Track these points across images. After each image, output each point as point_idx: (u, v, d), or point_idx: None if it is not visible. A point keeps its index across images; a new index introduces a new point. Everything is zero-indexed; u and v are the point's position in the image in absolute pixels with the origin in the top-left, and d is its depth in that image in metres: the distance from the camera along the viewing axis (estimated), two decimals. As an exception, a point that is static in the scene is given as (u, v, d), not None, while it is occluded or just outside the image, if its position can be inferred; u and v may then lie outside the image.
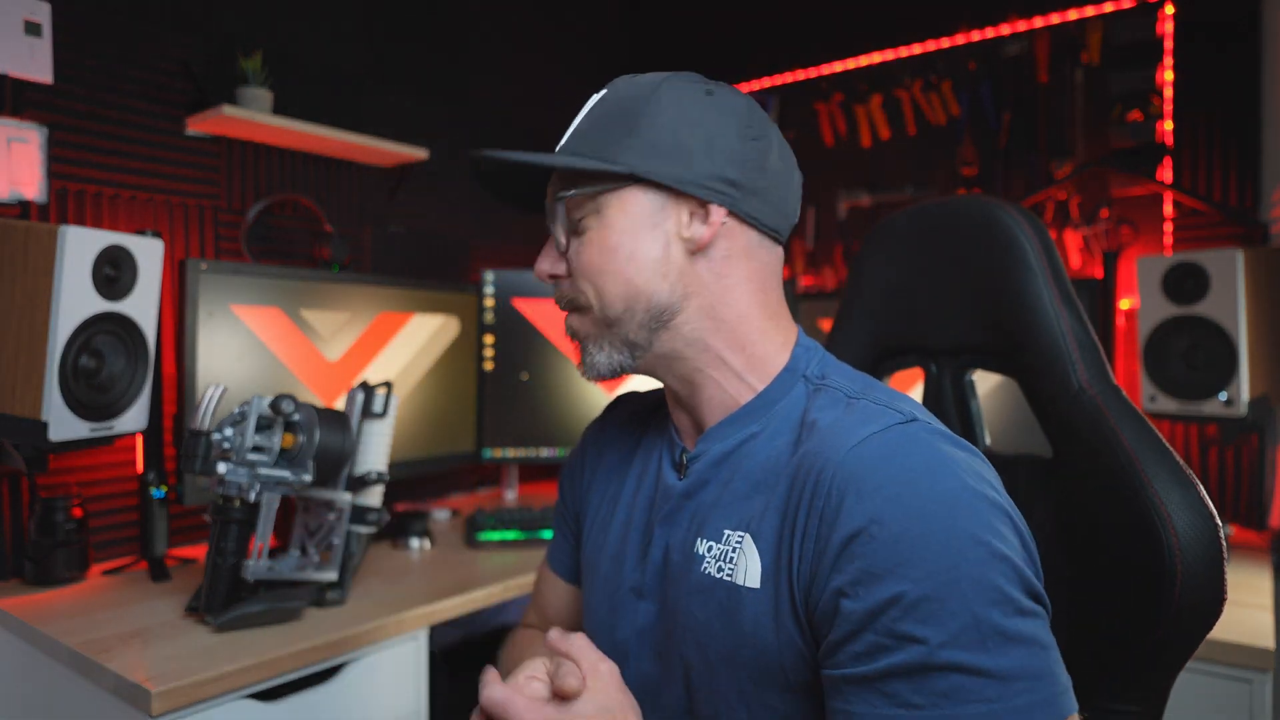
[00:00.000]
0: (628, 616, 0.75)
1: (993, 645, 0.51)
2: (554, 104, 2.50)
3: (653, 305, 0.69)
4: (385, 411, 1.42)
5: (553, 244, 0.73)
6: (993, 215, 0.87)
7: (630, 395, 0.92)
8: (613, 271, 0.69)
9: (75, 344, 1.25)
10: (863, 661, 0.54)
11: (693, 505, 0.71)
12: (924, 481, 0.56)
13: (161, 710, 1.00)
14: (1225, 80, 1.88)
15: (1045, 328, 0.81)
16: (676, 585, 0.69)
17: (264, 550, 1.22)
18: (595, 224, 0.70)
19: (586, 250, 0.70)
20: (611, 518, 0.81)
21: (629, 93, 0.71)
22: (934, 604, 0.52)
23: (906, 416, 0.63)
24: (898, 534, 0.54)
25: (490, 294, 2.05)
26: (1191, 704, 1.33)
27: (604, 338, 0.71)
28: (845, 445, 0.60)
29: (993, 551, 0.54)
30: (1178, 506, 0.70)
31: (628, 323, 0.69)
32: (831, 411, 0.65)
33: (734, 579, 0.64)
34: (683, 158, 0.68)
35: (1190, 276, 1.63)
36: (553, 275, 0.73)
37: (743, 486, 0.67)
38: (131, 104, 1.58)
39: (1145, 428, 0.75)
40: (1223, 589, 0.69)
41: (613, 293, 0.69)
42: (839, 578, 0.56)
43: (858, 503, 0.57)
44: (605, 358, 0.71)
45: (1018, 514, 0.59)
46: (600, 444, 0.89)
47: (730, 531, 0.66)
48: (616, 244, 0.69)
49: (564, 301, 0.73)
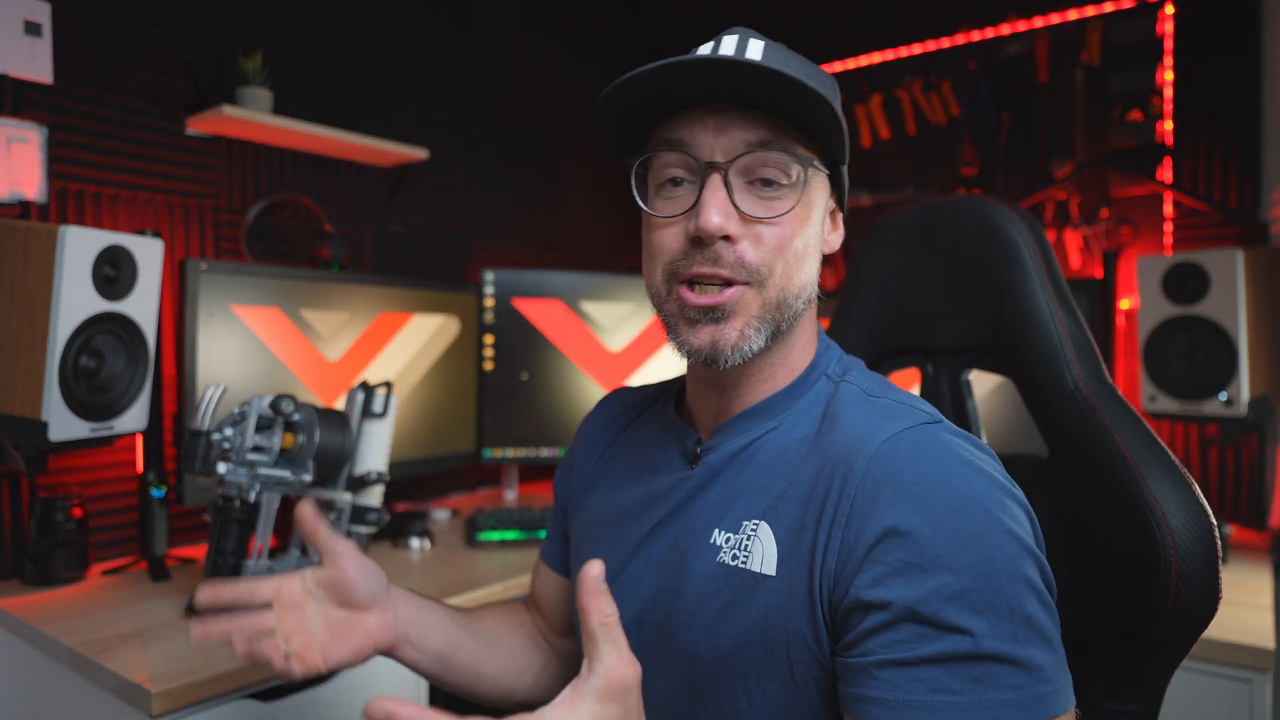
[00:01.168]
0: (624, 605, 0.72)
1: (1023, 635, 0.53)
2: (554, 104, 2.51)
3: (808, 298, 0.67)
4: (385, 411, 1.42)
5: (723, 196, 0.62)
6: (989, 216, 0.87)
7: (624, 391, 0.91)
8: (807, 255, 0.66)
9: (75, 344, 1.25)
10: (900, 649, 0.54)
11: (706, 497, 0.69)
12: (959, 478, 0.57)
13: (161, 710, 1.00)
14: (1225, 80, 1.88)
15: (1041, 328, 0.82)
16: (684, 575, 0.68)
17: (264, 550, 1.22)
18: (798, 199, 0.64)
19: (789, 224, 0.64)
20: (607, 511, 0.79)
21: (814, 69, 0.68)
22: (976, 595, 0.53)
23: (932, 417, 0.63)
24: (936, 527, 0.55)
25: (490, 294, 2.05)
26: (1191, 704, 1.33)
27: (767, 321, 0.64)
28: (876, 439, 0.60)
29: (1023, 545, 0.55)
30: (1173, 506, 0.70)
31: (790, 310, 0.66)
32: (855, 407, 0.65)
33: (749, 565, 0.63)
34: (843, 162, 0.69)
35: (1190, 276, 1.63)
36: (728, 236, 0.63)
37: (759, 477, 0.67)
38: (131, 104, 1.58)
39: (1141, 427, 0.75)
40: (1218, 588, 0.69)
41: (795, 273, 0.65)
42: (875, 567, 0.56)
43: (895, 496, 0.57)
44: (759, 342, 0.65)
45: (1027, 502, 0.60)
46: (594, 439, 0.87)
47: (746, 521, 0.65)
48: (811, 227, 0.66)
49: (735, 270, 0.63)
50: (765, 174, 0.63)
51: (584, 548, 0.81)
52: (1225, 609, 1.40)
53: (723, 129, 0.63)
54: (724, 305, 0.63)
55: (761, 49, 0.65)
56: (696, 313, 0.64)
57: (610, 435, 0.86)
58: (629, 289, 2.13)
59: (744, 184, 0.64)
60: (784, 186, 0.63)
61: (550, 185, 2.53)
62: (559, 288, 2.09)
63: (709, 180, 0.63)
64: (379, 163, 2.00)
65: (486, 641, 0.85)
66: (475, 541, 1.71)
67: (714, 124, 0.63)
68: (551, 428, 2.09)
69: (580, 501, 0.85)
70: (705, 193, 0.62)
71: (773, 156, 0.63)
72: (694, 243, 0.63)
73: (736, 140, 0.63)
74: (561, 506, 0.90)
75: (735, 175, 0.63)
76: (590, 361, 2.11)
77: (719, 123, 0.63)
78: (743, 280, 0.63)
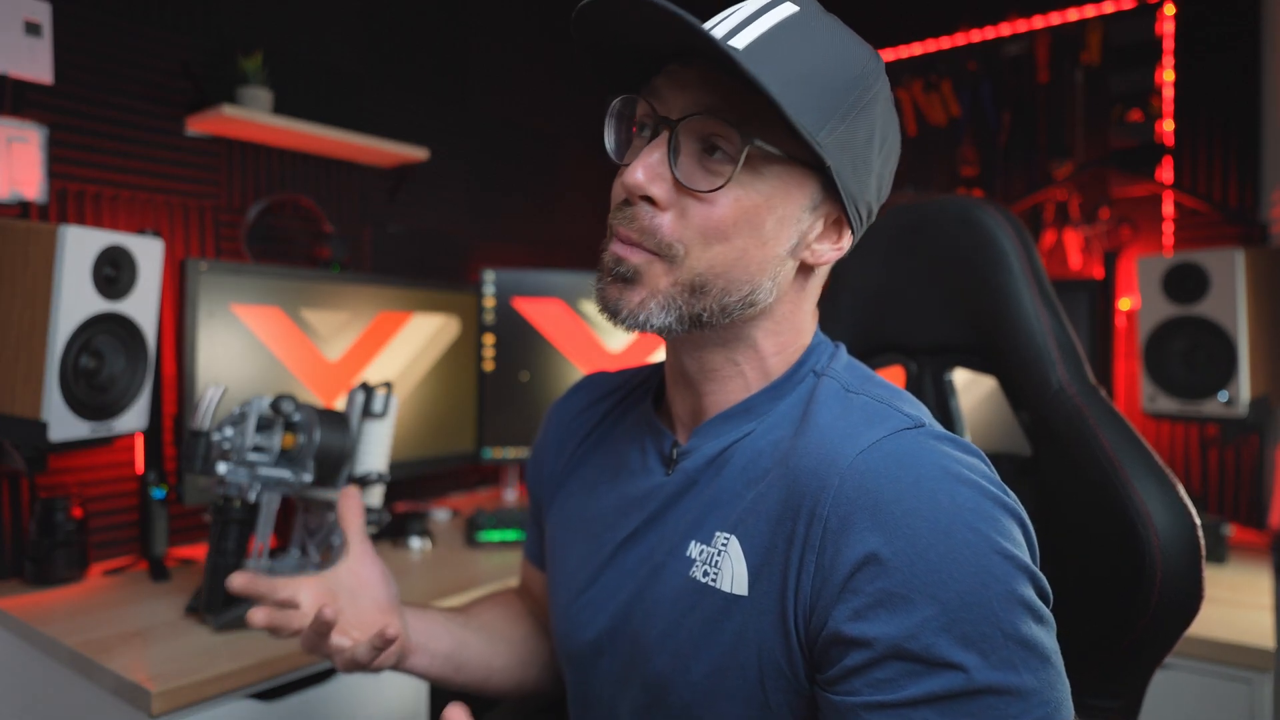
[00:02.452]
0: (594, 618, 0.69)
1: (1019, 660, 0.49)
2: (554, 104, 2.50)
3: (744, 298, 0.60)
4: (385, 411, 1.42)
5: (660, 157, 0.58)
6: (973, 215, 0.87)
7: (598, 378, 0.85)
8: (737, 244, 0.58)
9: (75, 344, 1.25)
10: (887, 689, 0.50)
11: (683, 506, 0.65)
12: (943, 493, 0.52)
13: (161, 710, 1.00)
14: (1225, 80, 1.88)
15: (1025, 328, 0.82)
16: (657, 590, 0.64)
17: (264, 550, 1.22)
18: (746, 180, 0.58)
19: (721, 204, 0.57)
20: (581, 516, 0.75)
21: (846, 58, 0.59)
22: (967, 625, 0.49)
23: (912, 421, 0.58)
24: (921, 552, 0.50)
25: (490, 294, 2.05)
26: (1192, 704, 1.33)
27: (676, 301, 0.59)
28: (849, 451, 0.56)
29: (1016, 563, 0.51)
30: (1158, 506, 0.70)
31: (711, 300, 0.59)
32: (829, 407, 0.61)
33: (718, 584, 0.59)
34: (863, 172, 0.60)
35: (1190, 276, 1.63)
36: (647, 196, 0.58)
37: (733, 484, 0.62)
38: (131, 104, 1.58)
39: (1124, 428, 0.75)
40: (1200, 587, 0.69)
41: (721, 264, 0.59)
42: (856, 598, 0.51)
43: (872, 518, 0.52)
44: (662, 319, 0.60)
45: (1021, 509, 0.55)
46: (564, 431, 0.82)
47: (719, 533, 0.61)
48: (757, 219, 0.58)
49: (644, 236, 0.59)
50: (718, 143, 0.57)
51: (558, 554, 0.77)
52: (1225, 609, 1.40)
53: (686, 87, 0.58)
54: (628, 264, 0.60)
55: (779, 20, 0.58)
56: (611, 260, 0.61)
57: (582, 429, 0.81)
58: (629, 289, 2.12)
59: (699, 150, 0.58)
60: (737, 169, 0.57)
61: (550, 185, 2.53)
62: (559, 287, 2.09)
63: (657, 136, 0.59)
64: (379, 163, 2.00)
65: (491, 635, 0.83)
66: (475, 541, 1.71)
67: (680, 82, 0.59)
68: (551, 428, 2.08)
69: (554, 499, 0.81)
70: (645, 148, 0.59)
71: (718, 125, 0.57)
72: (626, 199, 0.60)
73: (692, 100, 0.58)
74: (536, 503, 0.86)
75: (690, 139, 0.58)
76: (590, 361, 2.11)
77: (685, 81, 0.58)
78: (649, 248, 0.59)
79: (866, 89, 0.59)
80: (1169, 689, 1.34)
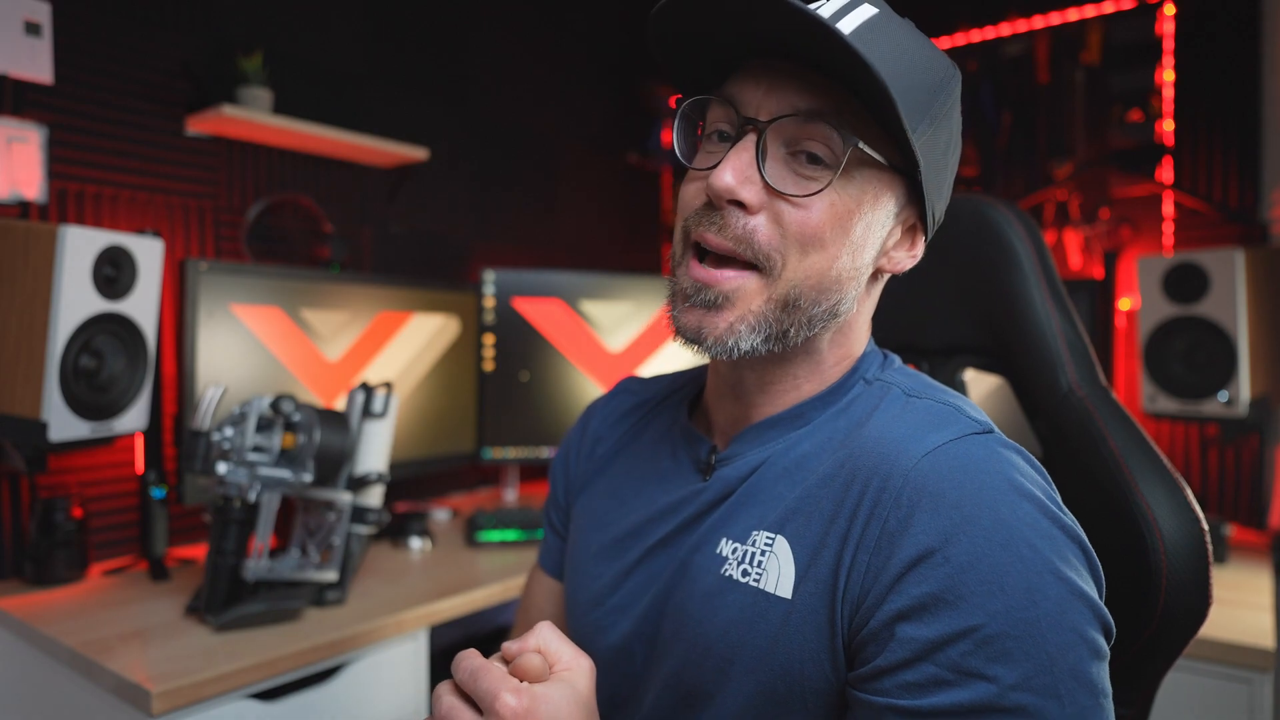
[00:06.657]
0: (618, 622, 0.68)
1: (1064, 690, 0.47)
2: (554, 104, 2.50)
3: (831, 308, 0.58)
4: (385, 411, 1.42)
5: (749, 158, 0.56)
6: (985, 215, 0.86)
7: (636, 383, 0.83)
8: (831, 252, 0.56)
9: (75, 344, 1.25)
10: (915, 694, 0.48)
11: (721, 511, 0.63)
12: (1005, 504, 0.50)
13: (161, 710, 1.00)
14: (1225, 80, 1.88)
15: (1036, 329, 0.81)
16: (686, 587, 0.62)
17: (264, 550, 1.22)
18: (840, 185, 0.56)
19: (816, 209, 0.55)
20: (607, 522, 0.73)
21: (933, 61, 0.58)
22: (1009, 641, 0.47)
23: (981, 426, 0.56)
24: (974, 559, 0.49)
25: (490, 294, 2.05)
26: (1192, 704, 1.33)
27: (767, 319, 0.57)
28: (915, 452, 0.54)
29: (1073, 589, 0.49)
30: (1164, 510, 0.69)
31: (801, 314, 0.57)
32: (889, 409, 0.59)
33: (761, 585, 0.57)
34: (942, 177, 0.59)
35: (1190, 276, 1.63)
36: (737, 201, 0.56)
37: (775, 486, 0.60)
38: (131, 104, 1.58)
39: (1133, 430, 0.75)
40: (1208, 593, 0.68)
41: (816, 275, 0.56)
42: (900, 598, 0.50)
43: (931, 518, 0.51)
44: (750, 341, 0.57)
45: (1080, 531, 0.53)
46: (604, 428, 0.80)
47: (759, 532, 0.59)
48: (849, 225, 0.56)
49: (739, 244, 0.56)
50: (810, 147, 0.55)
51: (579, 557, 0.75)
52: (1225, 609, 1.40)
53: (775, 88, 0.56)
54: (719, 288, 0.57)
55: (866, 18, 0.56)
56: (692, 288, 0.58)
57: (618, 432, 0.79)
58: (629, 289, 2.13)
59: (786, 154, 0.56)
60: (827, 168, 0.55)
61: (550, 185, 2.53)
62: (559, 287, 2.09)
63: (742, 138, 0.56)
64: (379, 163, 2.00)
65: None
66: (475, 541, 1.71)
67: (768, 82, 0.56)
68: (551, 428, 2.08)
69: (578, 498, 0.79)
70: (731, 151, 0.56)
71: (819, 129, 0.55)
72: (709, 203, 0.57)
73: (784, 102, 0.55)
74: (556, 500, 0.83)
75: (777, 142, 0.56)
76: (590, 361, 2.11)
77: (773, 82, 0.56)
78: (747, 259, 0.56)
79: (950, 93, 0.59)
80: (1169, 689, 1.34)
